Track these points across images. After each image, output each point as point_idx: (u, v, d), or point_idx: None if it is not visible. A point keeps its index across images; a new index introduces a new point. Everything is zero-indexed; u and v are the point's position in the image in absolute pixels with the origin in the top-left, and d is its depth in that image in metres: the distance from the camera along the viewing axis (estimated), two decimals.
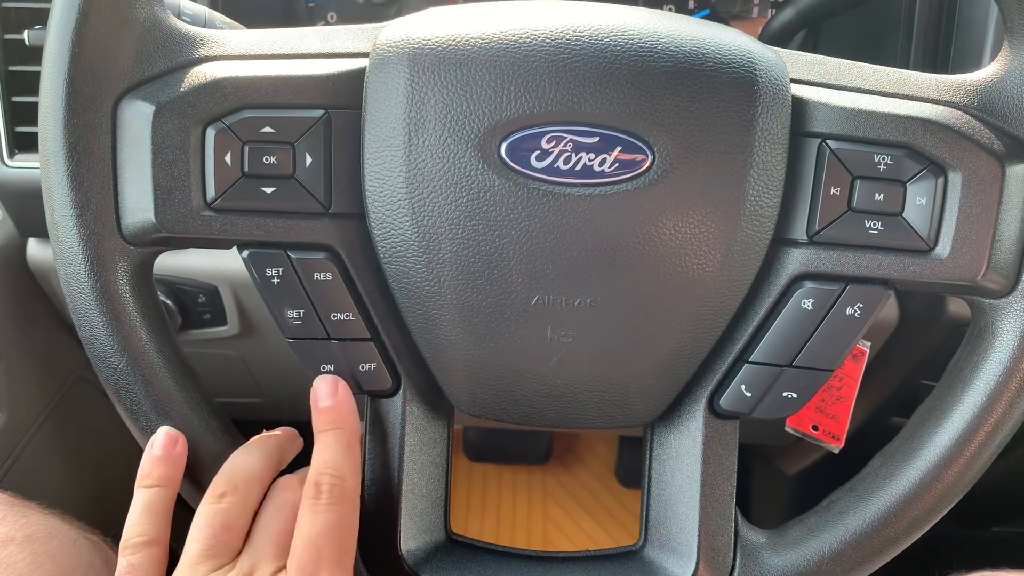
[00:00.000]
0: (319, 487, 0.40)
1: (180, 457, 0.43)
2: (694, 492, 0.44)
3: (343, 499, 0.40)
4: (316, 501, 0.40)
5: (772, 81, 0.40)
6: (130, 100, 0.40)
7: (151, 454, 0.42)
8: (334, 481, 0.40)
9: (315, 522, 0.39)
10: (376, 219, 0.41)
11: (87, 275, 0.41)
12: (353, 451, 0.42)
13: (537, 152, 0.39)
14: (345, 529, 0.40)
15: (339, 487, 0.40)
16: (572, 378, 0.43)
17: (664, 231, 0.40)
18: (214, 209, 0.41)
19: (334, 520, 0.39)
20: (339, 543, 0.39)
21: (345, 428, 0.42)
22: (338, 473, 0.40)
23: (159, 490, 0.42)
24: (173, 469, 0.42)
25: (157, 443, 0.42)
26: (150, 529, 0.41)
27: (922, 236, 0.41)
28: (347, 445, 0.41)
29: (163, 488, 0.42)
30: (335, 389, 0.42)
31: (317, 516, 0.39)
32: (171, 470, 0.42)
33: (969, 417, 0.43)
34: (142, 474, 0.42)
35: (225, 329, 0.76)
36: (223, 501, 0.41)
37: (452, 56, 0.39)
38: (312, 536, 0.39)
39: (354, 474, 0.41)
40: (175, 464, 0.42)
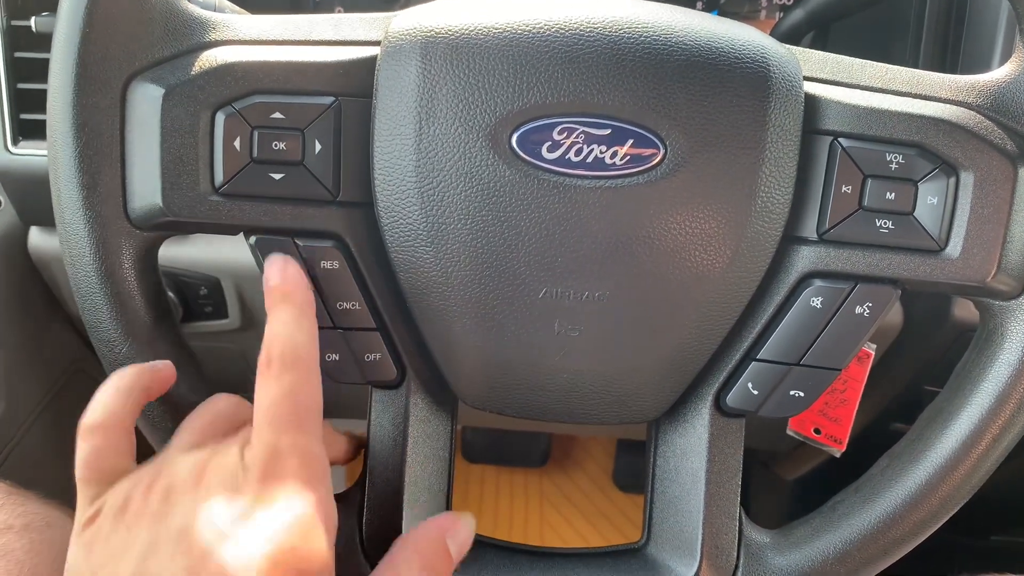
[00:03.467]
0: (270, 357, 0.38)
1: (165, 377, 0.42)
2: (698, 490, 0.44)
3: (296, 364, 0.38)
4: (267, 371, 0.38)
5: (785, 78, 0.40)
6: (140, 83, 0.40)
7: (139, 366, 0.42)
8: (284, 349, 0.38)
9: (268, 392, 0.37)
10: (384, 208, 0.41)
11: (92, 258, 0.41)
12: (304, 318, 0.40)
13: (548, 143, 0.39)
14: (301, 393, 0.38)
15: (290, 354, 0.38)
16: (578, 372, 0.43)
17: (674, 226, 0.40)
18: (222, 194, 0.40)
19: (287, 386, 0.37)
20: (296, 408, 0.37)
21: (294, 299, 0.40)
22: (288, 340, 0.39)
23: (132, 374, 0.40)
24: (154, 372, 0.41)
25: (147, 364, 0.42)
26: (112, 408, 0.40)
27: (933, 236, 0.41)
28: (297, 313, 0.40)
29: (137, 376, 0.41)
30: (283, 266, 0.41)
31: (270, 385, 0.37)
32: (152, 371, 0.41)
33: (976, 419, 0.43)
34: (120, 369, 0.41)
35: (226, 322, 0.76)
36: (217, 403, 0.42)
37: (464, 45, 0.39)
38: (266, 405, 0.37)
39: (308, 341, 0.39)
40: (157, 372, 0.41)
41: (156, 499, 0.36)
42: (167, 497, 0.36)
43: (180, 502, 0.35)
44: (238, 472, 0.36)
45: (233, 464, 0.36)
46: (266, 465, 0.36)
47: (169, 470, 0.37)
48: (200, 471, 0.37)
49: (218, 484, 0.36)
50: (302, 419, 0.37)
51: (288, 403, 0.37)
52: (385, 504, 0.44)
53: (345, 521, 0.44)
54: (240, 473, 0.36)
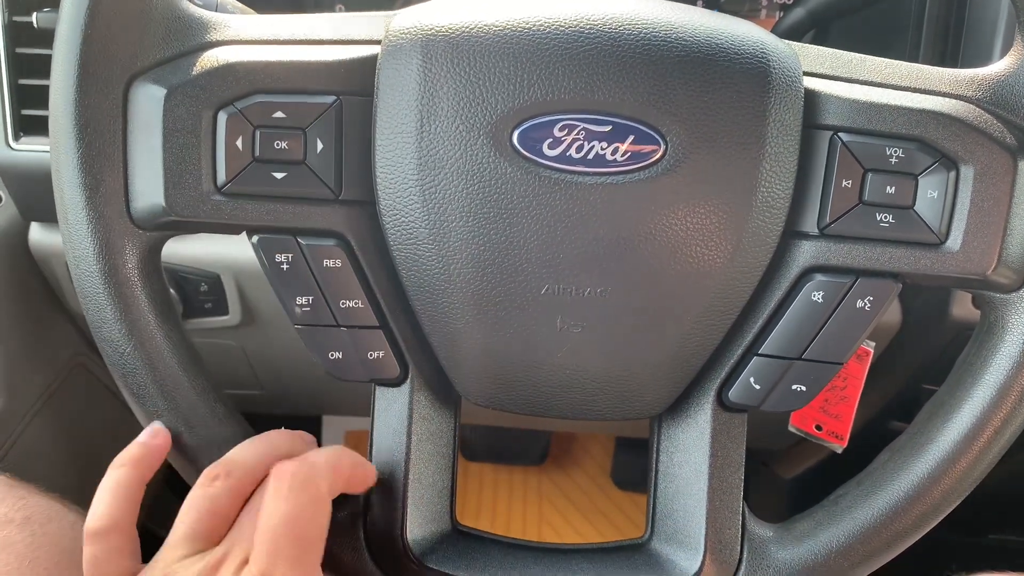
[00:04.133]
0: (284, 473, 0.38)
1: (158, 446, 0.42)
2: (701, 485, 0.44)
3: (306, 487, 0.38)
4: (279, 488, 0.38)
5: (785, 73, 0.40)
6: (142, 83, 0.40)
7: (133, 442, 0.42)
8: (302, 468, 0.38)
9: (274, 512, 0.37)
10: (386, 206, 0.41)
11: (95, 258, 0.41)
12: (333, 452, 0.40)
13: (549, 140, 0.39)
14: (304, 520, 0.37)
15: (305, 473, 0.38)
16: (580, 369, 0.43)
17: (675, 221, 0.40)
18: (224, 194, 0.40)
19: (294, 510, 0.37)
20: (298, 536, 0.37)
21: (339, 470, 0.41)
22: (309, 461, 0.39)
23: (127, 470, 0.41)
24: (147, 453, 0.42)
25: (141, 434, 0.42)
26: (112, 511, 0.40)
27: (933, 229, 0.41)
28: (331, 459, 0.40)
29: (132, 469, 0.41)
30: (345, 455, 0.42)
31: (277, 503, 0.37)
32: (144, 454, 0.42)
33: (978, 412, 0.43)
34: (117, 458, 0.42)
35: (227, 319, 0.76)
36: (214, 485, 0.41)
37: (465, 43, 0.39)
38: (269, 527, 0.37)
39: (328, 469, 0.39)
40: (150, 450, 0.42)
41: None
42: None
43: None
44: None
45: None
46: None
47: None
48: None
49: None
50: (300, 551, 0.37)
51: (290, 530, 0.37)
52: (389, 502, 0.44)
53: (348, 519, 0.45)
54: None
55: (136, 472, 0.41)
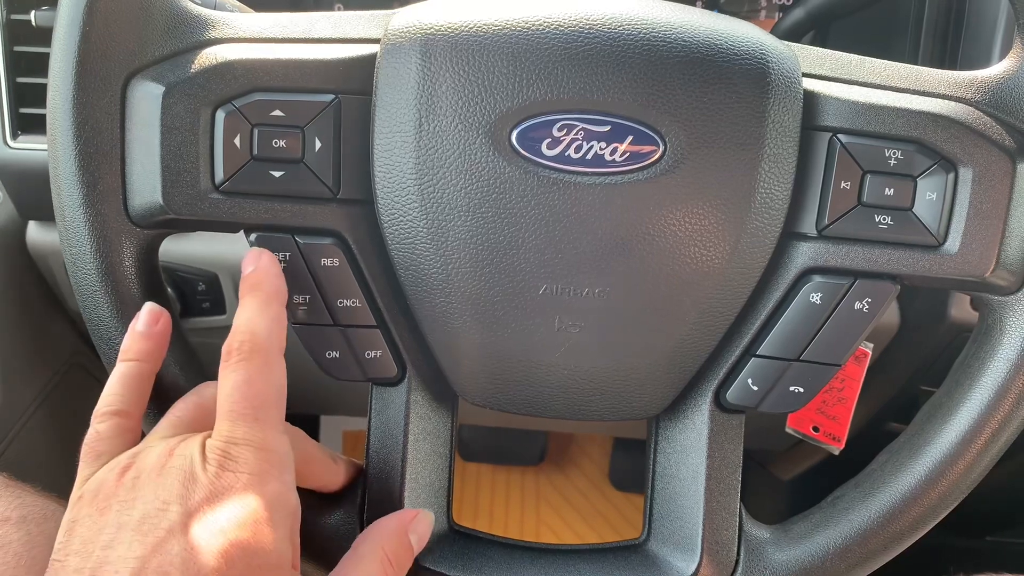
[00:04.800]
0: (230, 348, 0.39)
1: (162, 333, 0.42)
2: (699, 486, 0.44)
3: (253, 354, 0.39)
4: (227, 362, 0.39)
5: (784, 74, 0.40)
6: (140, 81, 0.40)
7: (133, 330, 0.42)
8: (243, 339, 0.39)
9: (225, 382, 0.38)
10: (384, 205, 0.41)
11: (93, 256, 0.41)
12: (268, 309, 0.40)
13: (548, 140, 0.39)
14: (256, 383, 0.38)
15: (248, 343, 0.39)
16: (579, 369, 0.43)
17: (674, 222, 0.40)
18: (222, 192, 0.40)
19: (242, 376, 0.38)
20: (251, 399, 0.38)
21: (261, 287, 0.40)
22: (248, 330, 0.39)
23: (136, 364, 0.41)
24: (153, 344, 0.42)
25: (140, 319, 0.42)
26: (121, 400, 0.41)
27: (931, 231, 0.41)
28: (262, 303, 0.40)
29: (141, 362, 0.42)
30: (257, 257, 0.41)
31: (227, 376, 0.38)
32: (151, 345, 0.42)
33: (975, 414, 0.43)
34: (123, 349, 0.42)
35: (224, 318, 0.76)
36: (205, 389, 0.42)
37: (464, 43, 0.39)
38: (223, 396, 0.38)
39: (268, 330, 0.40)
40: (156, 340, 0.42)
41: (125, 486, 0.37)
42: (134, 484, 0.37)
43: (144, 489, 0.36)
44: (196, 465, 0.37)
45: (194, 453, 0.37)
46: (222, 457, 0.37)
47: (142, 456, 0.38)
48: (165, 460, 0.37)
49: (178, 474, 0.36)
50: (257, 410, 0.38)
51: (243, 394, 0.38)
52: (385, 502, 0.44)
53: (346, 520, 0.45)
54: (199, 464, 0.37)
55: (144, 366, 0.42)
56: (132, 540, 0.35)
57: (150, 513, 0.35)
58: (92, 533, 0.36)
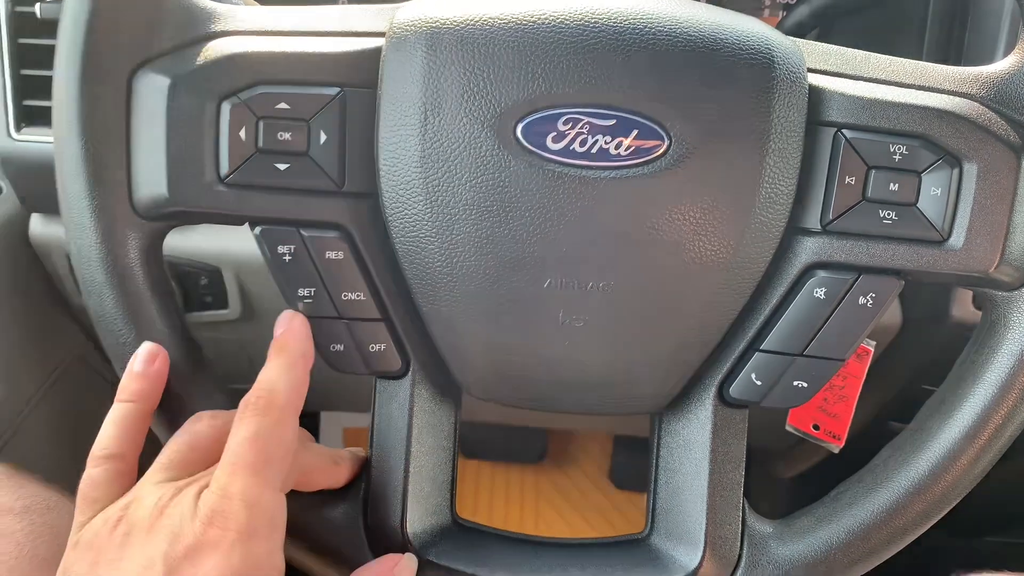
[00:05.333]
0: (247, 401, 0.40)
1: (158, 374, 0.42)
2: (702, 481, 0.44)
3: (268, 410, 0.39)
4: (241, 415, 0.39)
5: (790, 69, 0.40)
6: (145, 73, 0.40)
7: (130, 370, 0.42)
8: (261, 394, 0.39)
9: (236, 434, 0.39)
10: (389, 198, 0.41)
11: (98, 248, 0.41)
12: (291, 370, 0.41)
13: (553, 134, 0.39)
14: (266, 440, 0.39)
15: (265, 399, 0.39)
16: (582, 362, 0.43)
17: (678, 217, 0.40)
18: (227, 184, 0.40)
19: (253, 429, 0.39)
20: (258, 454, 0.38)
21: (288, 349, 0.41)
22: (268, 388, 0.40)
23: (132, 405, 0.42)
24: (149, 385, 0.42)
25: (137, 359, 0.42)
26: (116, 443, 0.41)
27: (936, 227, 0.41)
28: (286, 364, 0.41)
29: (136, 404, 0.42)
30: (291, 320, 0.42)
31: (238, 429, 0.39)
32: (147, 386, 0.42)
33: (979, 409, 0.43)
34: (120, 389, 0.42)
35: (226, 313, 0.76)
36: (199, 423, 0.42)
37: (469, 36, 0.39)
38: (229, 448, 0.38)
39: (288, 389, 0.40)
40: (152, 380, 0.42)
41: (117, 539, 0.38)
42: (124, 541, 0.37)
43: (132, 548, 0.37)
44: (187, 517, 0.37)
45: (186, 507, 0.37)
46: (212, 511, 0.37)
47: (133, 509, 0.39)
48: (158, 514, 0.38)
49: (167, 533, 0.37)
50: (260, 466, 0.38)
51: (250, 447, 0.38)
52: (388, 495, 0.44)
53: (349, 512, 0.45)
54: (189, 518, 0.37)
55: (140, 407, 0.42)
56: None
57: (136, 572, 0.36)
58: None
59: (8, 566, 0.50)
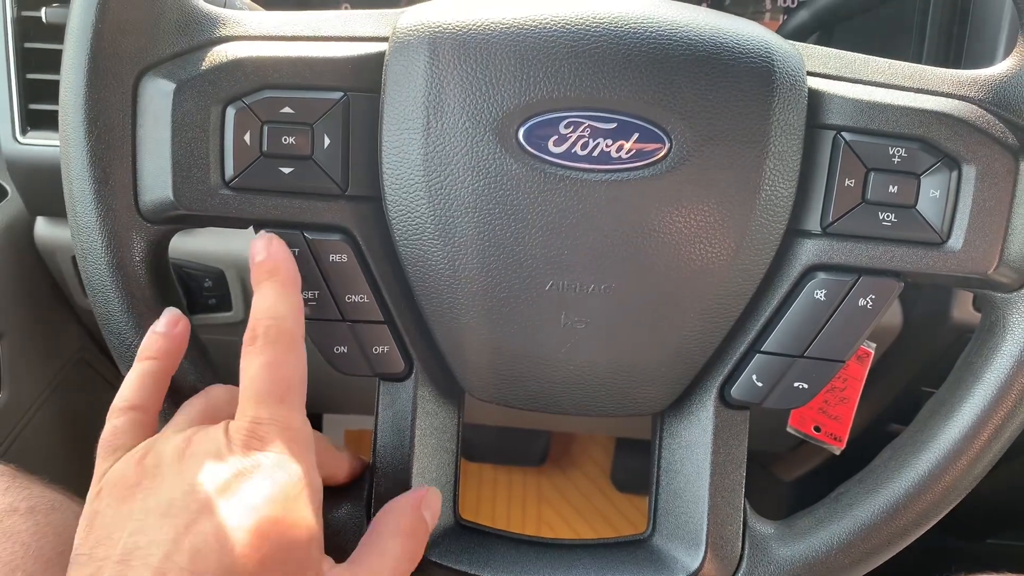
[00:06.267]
0: (255, 332, 0.39)
1: (181, 336, 0.43)
2: (703, 482, 0.44)
3: (279, 338, 0.39)
4: (252, 347, 0.39)
5: (789, 72, 0.40)
6: (151, 78, 0.40)
7: (152, 331, 0.42)
8: (268, 323, 0.39)
9: (250, 366, 0.39)
10: (392, 202, 0.41)
11: (104, 251, 0.41)
12: (289, 294, 0.41)
13: (555, 137, 0.39)
14: (282, 367, 0.39)
15: (274, 328, 0.39)
16: (584, 364, 0.43)
17: (679, 219, 0.40)
18: (232, 188, 0.41)
19: (269, 359, 0.39)
20: (277, 382, 0.39)
21: (279, 274, 0.41)
22: (273, 315, 0.40)
23: (154, 362, 0.42)
24: (171, 344, 0.42)
25: (160, 322, 0.42)
26: (138, 396, 0.41)
27: (935, 228, 0.41)
28: (281, 289, 0.41)
29: (159, 360, 0.42)
30: (269, 243, 0.41)
31: (252, 360, 0.39)
32: (169, 345, 0.42)
33: (979, 410, 0.43)
34: (141, 347, 0.42)
35: (230, 315, 0.76)
36: (212, 390, 0.43)
37: (472, 41, 0.39)
38: (249, 380, 0.39)
39: (291, 315, 0.40)
40: (174, 340, 0.42)
41: (146, 474, 0.37)
42: (156, 471, 0.37)
43: (167, 475, 0.37)
44: (222, 444, 0.37)
45: (218, 437, 0.38)
46: (248, 437, 0.37)
47: (159, 445, 0.39)
48: (186, 445, 0.38)
49: (203, 456, 0.37)
50: (283, 392, 0.39)
51: (269, 377, 0.38)
52: (392, 495, 0.44)
53: (353, 513, 0.45)
54: (224, 445, 0.37)
55: (162, 364, 0.42)
56: (161, 524, 0.35)
57: (177, 496, 0.36)
58: (117, 522, 0.36)
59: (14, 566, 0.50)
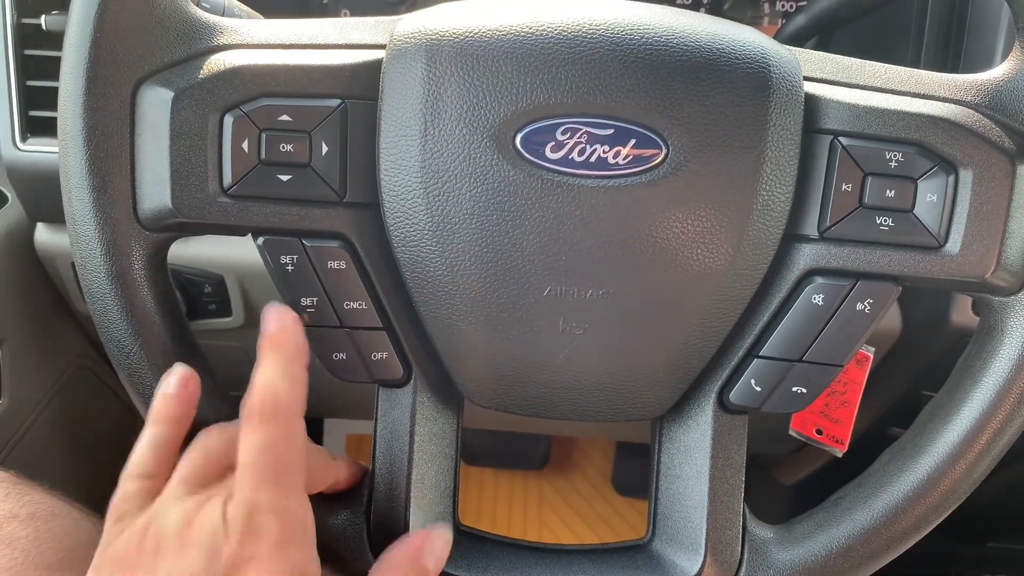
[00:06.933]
0: (251, 409, 0.39)
1: (192, 397, 0.42)
2: (702, 486, 0.45)
3: (276, 416, 0.39)
4: (249, 423, 0.39)
5: (786, 78, 0.40)
6: (149, 86, 0.40)
7: (163, 392, 0.42)
8: (265, 399, 0.39)
9: (248, 445, 0.38)
10: (390, 208, 0.41)
11: (103, 259, 0.41)
12: (290, 370, 0.40)
13: (552, 143, 0.39)
14: (278, 446, 0.38)
15: (271, 404, 0.39)
16: (583, 370, 0.43)
17: (676, 224, 0.40)
18: (230, 195, 0.41)
19: (265, 439, 0.38)
20: (275, 464, 0.38)
21: (283, 349, 0.40)
22: (271, 391, 0.39)
23: (165, 429, 0.42)
24: (183, 409, 0.42)
25: (170, 382, 0.42)
26: (152, 464, 0.41)
27: (932, 233, 0.41)
28: (283, 364, 0.40)
29: (170, 428, 0.42)
30: (280, 316, 0.41)
31: (250, 438, 0.38)
32: (181, 410, 0.42)
33: (977, 414, 0.43)
34: (153, 411, 0.42)
35: (229, 320, 0.76)
36: (210, 436, 0.42)
37: (469, 48, 0.39)
38: (246, 460, 0.38)
39: (291, 391, 0.40)
40: (185, 404, 0.42)
41: (147, 553, 0.37)
42: (155, 553, 0.37)
43: (166, 559, 0.37)
44: (218, 534, 0.37)
45: (216, 521, 0.37)
46: (244, 525, 0.37)
47: (159, 520, 0.38)
48: (186, 526, 0.38)
49: (200, 543, 0.37)
50: (280, 475, 0.38)
51: (266, 458, 0.38)
52: (392, 502, 0.45)
53: (352, 520, 0.45)
54: (220, 535, 0.37)
55: (172, 431, 0.42)
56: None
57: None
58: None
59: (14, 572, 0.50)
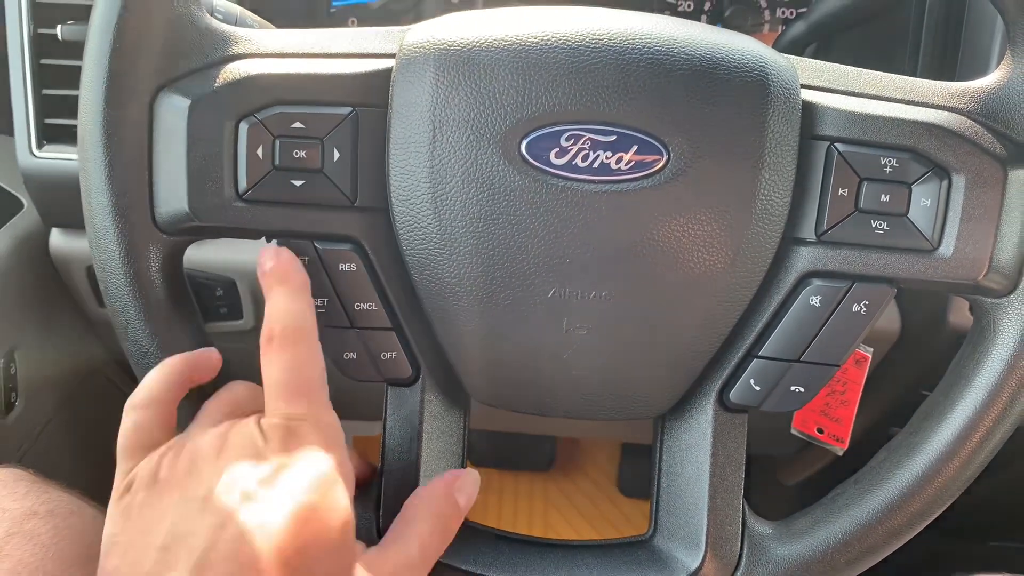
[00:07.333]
0: (271, 334, 0.40)
1: (214, 362, 0.44)
2: (703, 483, 0.45)
3: (297, 338, 0.40)
4: (270, 347, 0.40)
5: (784, 86, 0.41)
6: (167, 94, 0.42)
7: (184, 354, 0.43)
8: (284, 323, 0.40)
9: (274, 366, 0.39)
10: (399, 213, 0.42)
11: (121, 261, 0.42)
12: (301, 296, 0.41)
13: (556, 150, 0.40)
14: (305, 365, 0.40)
15: (291, 329, 0.40)
16: (586, 369, 0.44)
17: (677, 228, 0.41)
18: (245, 200, 0.42)
19: (291, 358, 0.40)
20: (303, 380, 0.39)
21: (290, 279, 0.41)
22: (288, 317, 0.40)
23: (177, 363, 0.43)
24: (199, 361, 0.43)
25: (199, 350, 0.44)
26: (154, 391, 0.42)
27: (926, 236, 0.42)
28: (294, 292, 0.41)
29: (181, 364, 0.43)
30: (276, 252, 0.42)
31: (273, 360, 0.40)
32: (197, 360, 0.43)
33: (970, 413, 0.44)
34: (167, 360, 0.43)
35: (240, 323, 0.77)
36: (234, 386, 0.44)
37: (476, 57, 0.40)
38: (274, 380, 0.39)
39: (307, 315, 0.41)
40: (207, 359, 0.43)
41: (183, 468, 0.38)
42: (193, 466, 0.38)
43: (205, 469, 0.38)
44: (258, 441, 0.38)
45: (252, 434, 0.38)
46: (284, 433, 0.38)
47: (193, 442, 0.39)
48: (221, 441, 0.39)
49: (240, 451, 0.38)
50: (309, 390, 0.40)
51: (294, 376, 0.39)
52: (401, 499, 0.45)
53: (363, 515, 0.46)
54: (260, 441, 0.38)
55: (185, 366, 0.43)
56: (203, 514, 0.36)
57: (217, 489, 0.36)
58: (155, 514, 0.37)
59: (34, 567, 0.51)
